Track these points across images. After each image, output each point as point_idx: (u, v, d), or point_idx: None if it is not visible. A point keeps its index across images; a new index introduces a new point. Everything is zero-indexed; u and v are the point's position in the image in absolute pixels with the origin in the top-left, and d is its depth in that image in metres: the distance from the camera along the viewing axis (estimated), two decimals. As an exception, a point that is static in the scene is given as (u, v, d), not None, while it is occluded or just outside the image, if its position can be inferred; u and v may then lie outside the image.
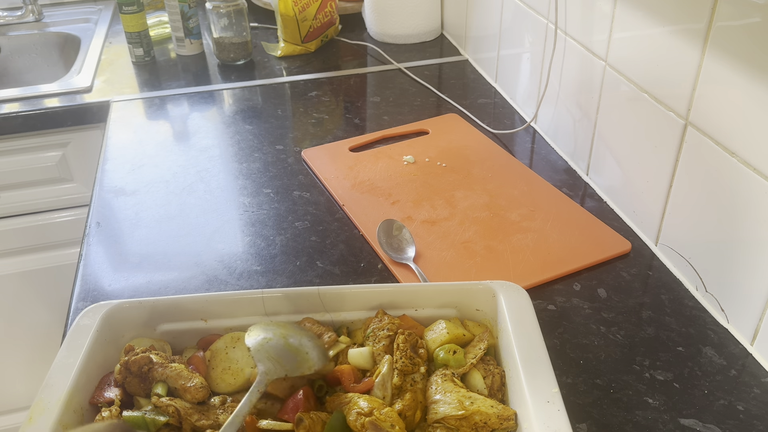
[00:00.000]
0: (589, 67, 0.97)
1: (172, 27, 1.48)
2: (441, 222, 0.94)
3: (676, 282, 0.83)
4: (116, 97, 1.33)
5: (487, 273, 0.84)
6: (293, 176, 1.07)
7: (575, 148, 1.05)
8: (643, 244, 0.90)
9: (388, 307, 0.70)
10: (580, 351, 0.74)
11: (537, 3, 1.09)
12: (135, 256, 0.90)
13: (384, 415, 0.58)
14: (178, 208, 1.00)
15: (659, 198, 0.85)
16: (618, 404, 0.68)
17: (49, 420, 0.57)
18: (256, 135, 1.19)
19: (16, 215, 1.40)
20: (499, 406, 0.59)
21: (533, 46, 1.13)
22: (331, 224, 0.95)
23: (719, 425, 0.65)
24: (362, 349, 0.66)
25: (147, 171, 1.09)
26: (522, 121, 1.21)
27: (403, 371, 0.63)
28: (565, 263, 0.85)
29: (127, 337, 0.68)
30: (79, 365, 0.61)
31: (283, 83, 1.38)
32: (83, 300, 0.83)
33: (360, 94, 1.33)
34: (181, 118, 1.26)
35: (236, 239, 0.93)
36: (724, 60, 0.70)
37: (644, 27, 0.82)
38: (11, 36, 1.68)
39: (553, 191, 0.99)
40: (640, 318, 0.78)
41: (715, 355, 0.73)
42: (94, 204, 1.01)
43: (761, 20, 0.64)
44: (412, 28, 1.53)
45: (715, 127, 0.73)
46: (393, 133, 1.17)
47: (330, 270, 0.87)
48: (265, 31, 1.65)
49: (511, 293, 0.68)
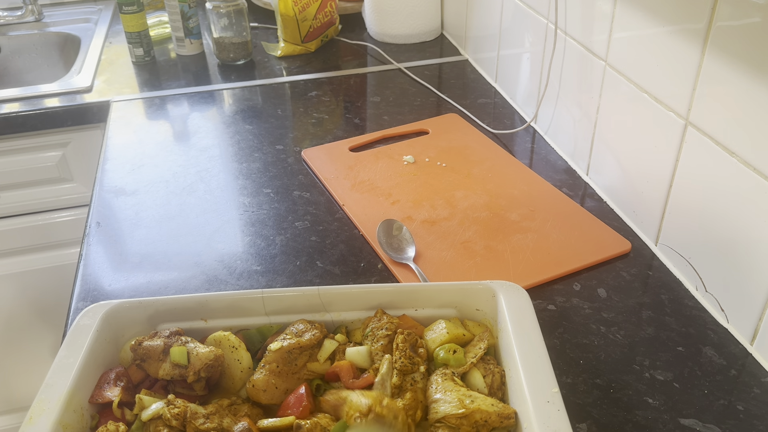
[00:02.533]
0: (589, 67, 0.97)
1: (172, 27, 1.48)
2: (441, 222, 0.94)
3: (676, 282, 0.83)
4: (116, 97, 1.33)
5: (486, 273, 0.84)
6: (293, 176, 1.07)
7: (575, 148, 1.05)
8: (643, 244, 0.90)
9: (387, 307, 0.70)
10: (580, 351, 0.74)
11: (537, 3, 1.09)
12: (135, 256, 0.90)
13: (385, 408, 0.58)
14: (178, 208, 1.00)
15: (659, 198, 0.85)
16: (618, 404, 0.68)
17: (49, 420, 0.57)
18: (256, 135, 1.19)
19: (16, 215, 1.40)
20: (500, 405, 0.59)
21: (533, 46, 1.13)
22: (331, 224, 0.95)
23: (719, 425, 0.65)
24: (360, 347, 0.66)
25: (147, 171, 1.09)
26: (522, 121, 1.21)
27: (403, 371, 0.63)
28: (565, 263, 0.85)
29: (127, 337, 0.68)
30: (79, 365, 0.61)
31: (283, 83, 1.38)
32: (83, 300, 0.83)
33: (360, 94, 1.33)
34: (181, 118, 1.26)
35: (236, 239, 0.93)
36: (724, 60, 0.70)
37: (644, 27, 0.82)
38: (11, 36, 1.68)
39: (553, 191, 0.99)
40: (640, 318, 0.78)
41: (715, 355, 0.73)
42: (94, 204, 1.01)
43: (761, 20, 0.64)
44: (412, 28, 1.53)
45: (715, 127, 0.73)
46: (393, 133, 1.17)
47: (330, 270, 0.87)
48: (265, 31, 1.65)
49: (511, 293, 0.68)
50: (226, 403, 0.63)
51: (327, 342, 0.67)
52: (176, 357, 0.63)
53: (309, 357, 0.66)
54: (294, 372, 0.65)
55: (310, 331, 0.66)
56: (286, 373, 0.64)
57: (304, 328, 0.67)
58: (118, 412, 0.61)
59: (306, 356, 0.66)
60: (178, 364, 0.63)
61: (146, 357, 0.64)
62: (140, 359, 0.65)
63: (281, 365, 0.64)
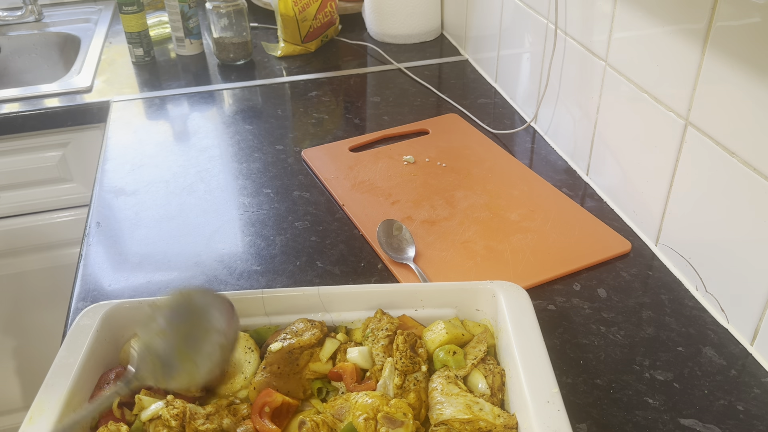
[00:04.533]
0: (589, 67, 0.97)
1: (172, 27, 1.48)
2: (441, 222, 0.94)
3: (676, 282, 0.83)
4: (116, 97, 1.33)
5: (487, 273, 0.84)
6: (293, 176, 1.07)
7: (575, 148, 1.05)
8: (643, 244, 0.90)
9: (387, 307, 0.70)
10: (580, 351, 0.74)
11: (537, 3, 1.09)
12: (135, 256, 0.90)
13: (393, 406, 0.58)
14: (178, 208, 1.00)
15: (659, 198, 0.85)
16: (618, 404, 0.68)
17: (49, 420, 0.57)
18: (256, 135, 1.19)
19: (16, 215, 1.40)
20: (505, 415, 0.59)
21: (533, 46, 1.13)
22: (331, 224, 0.95)
23: (719, 425, 0.65)
24: (361, 348, 0.66)
25: (147, 171, 1.09)
26: (522, 121, 1.21)
27: (404, 372, 0.63)
28: (565, 263, 0.85)
29: (127, 337, 0.68)
30: (79, 365, 0.61)
31: (283, 83, 1.38)
32: (83, 300, 0.83)
33: (360, 94, 1.33)
34: (181, 118, 1.26)
35: (236, 239, 0.93)
36: (724, 60, 0.70)
37: (644, 27, 0.82)
38: (11, 36, 1.68)
39: (553, 191, 0.99)
40: (640, 318, 0.78)
41: (715, 355, 0.73)
42: (94, 204, 1.01)
43: (761, 20, 0.64)
44: (412, 28, 1.53)
45: (715, 127, 0.73)
46: (393, 133, 1.17)
47: (330, 270, 0.87)
48: (265, 31, 1.65)
49: (511, 293, 0.68)
50: (225, 403, 0.63)
51: (328, 341, 0.67)
52: None
53: (310, 357, 0.66)
54: (295, 372, 0.65)
55: (310, 330, 0.66)
56: (288, 373, 0.64)
57: (303, 327, 0.67)
58: (118, 412, 0.61)
59: (307, 356, 0.66)
60: None
61: None
62: None
63: (282, 366, 0.64)
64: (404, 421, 0.58)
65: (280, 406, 0.61)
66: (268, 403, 0.60)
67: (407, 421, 0.58)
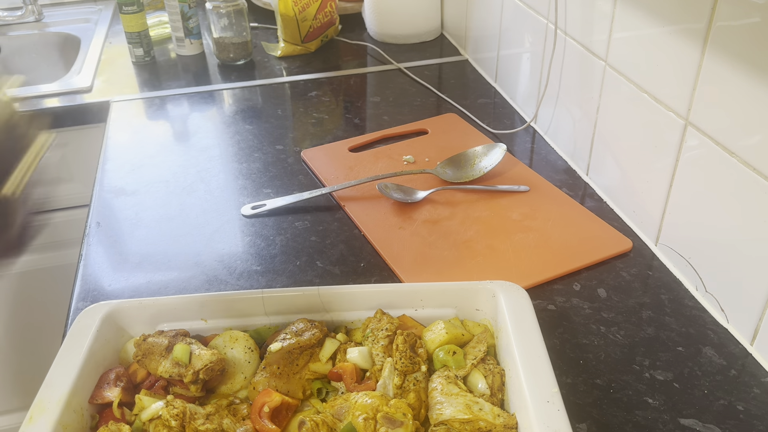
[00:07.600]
0: (589, 67, 0.97)
1: (172, 27, 1.48)
2: (442, 222, 0.94)
3: (676, 282, 0.83)
4: (116, 97, 1.33)
5: (488, 273, 0.84)
6: (293, 176, 1.07)
7: (575, 148, 1.05)
8: (643, 243, 0.90)
9: (387, 307, 0.70)
10: (580, 351, 0.74)
11: (537, 3, 1.09)
12: (135, 256, 0.90)
13: (393, 406, 0.58)
14: (178, 208, 1.00)
15: (659, 198, 0.85)
16: (618, 404, 0.68)
17: (49, 420, 0.57)
18: (256, 135, 1.19)
19: (15, 215, 1.39)
20: (505, 415, 0.59)
21: (533, 46, 1.13)
22: (331, 224, 0.95)
23: (719, 425, 0.65)
24: (361, 348, 0.66)
25: (147, 171, 1.09)
26: (522, 121, 1.21)
27: (404, 372, 0.63)
28: (565, 263, 0.85)
29: (127, 337, 0.69)
30: (79, 365, 0.61)
31: (283, 83, 1.38)
32: (83, 300, 0.83)
33: (360, 94, 1.33)
34: (181, 118, 1.26)
35: (236, 239, 0.93)
36: (724, 60, 0.70)
37: (644, 27, 0.82)
38: (11, 36, 1.68)
39: (553, 191, 0.99)
40: (640, 318, 0.78)
41: (715, 355, 0.73)
42: (94, 204, 1.01)
43: (761, 20, 0.64)
44: (412, 28, 1.53)
45: (715, 127, 0.73)
46: (393, 133, 1.17)
47: (330, 270, 0.87)
48: (265, 31, 1.65)
49: (511, 293, 0.68)
50: (225, 403, 0.63)
51: (328, 341, 0.67)
52: (179, 354, 0.63)
53: (310, 357, 0.66)
54: (295, 372, 0.65)
55: (310, 330, 0.66)
56: (287, 374, 0.64)
57: (303, 327, 0.67)
58: (118, 413, 0.61)
59: (307, 356, 0.66)
60: (179, 362, 0.63)
61: (148, 353, 0.64)
62: (142, 355, 0.65)
63: (282, 366, 0.64)
64: (404, 421, 0.58)
65: (280, 406, 0.61)
66: (268, 403, 0.60)
67: (407, 421, 0.58)
